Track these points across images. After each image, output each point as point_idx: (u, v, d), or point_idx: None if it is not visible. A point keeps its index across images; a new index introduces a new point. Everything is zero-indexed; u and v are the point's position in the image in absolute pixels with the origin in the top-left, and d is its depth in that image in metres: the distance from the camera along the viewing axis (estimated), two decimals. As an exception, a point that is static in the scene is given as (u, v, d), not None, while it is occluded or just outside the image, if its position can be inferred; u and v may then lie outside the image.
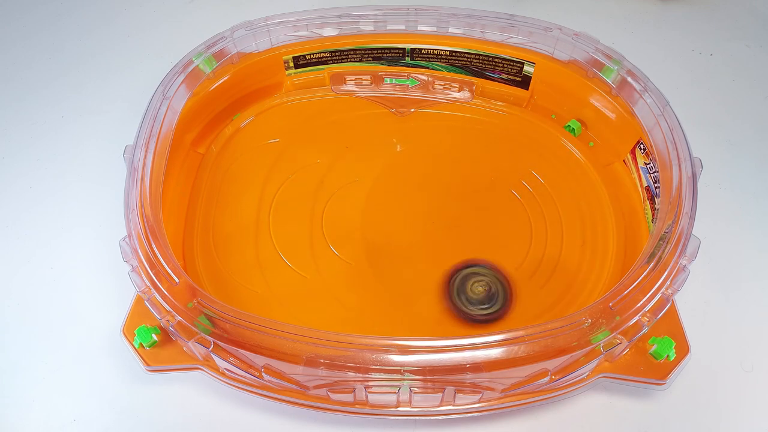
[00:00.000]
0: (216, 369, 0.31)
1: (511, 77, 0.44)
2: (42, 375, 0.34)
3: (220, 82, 0.42)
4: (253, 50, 0.43)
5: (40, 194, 0.43)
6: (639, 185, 0.39)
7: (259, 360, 0.29)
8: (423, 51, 0.44)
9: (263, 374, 0.29)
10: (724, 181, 0.42)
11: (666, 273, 0.29)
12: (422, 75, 0.45)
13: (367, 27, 0.44)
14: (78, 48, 0.53)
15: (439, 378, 0.28)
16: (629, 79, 0.38)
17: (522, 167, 0.41)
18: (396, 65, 0.45)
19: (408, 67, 0.45)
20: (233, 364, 0.29)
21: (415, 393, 0.29)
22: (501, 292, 0.35)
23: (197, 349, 0.30)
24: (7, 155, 0.45)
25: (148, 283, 0.30)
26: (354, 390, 0.29)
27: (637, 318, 0.28)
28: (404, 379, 0.28)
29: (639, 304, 0.29)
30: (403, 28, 0.44)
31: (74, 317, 0.36)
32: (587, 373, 0.31)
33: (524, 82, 0.44)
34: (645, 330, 0.28)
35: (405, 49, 0.44)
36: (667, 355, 0.31)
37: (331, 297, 0.35)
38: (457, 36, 0.43)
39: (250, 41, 0.42)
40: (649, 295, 0.29)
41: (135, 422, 0.33)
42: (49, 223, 0.41)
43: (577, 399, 0.33)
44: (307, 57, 0.45)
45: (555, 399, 0.32)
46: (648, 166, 0.38)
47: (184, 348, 0.32)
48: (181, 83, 0.38)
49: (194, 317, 0.29)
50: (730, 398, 0.33)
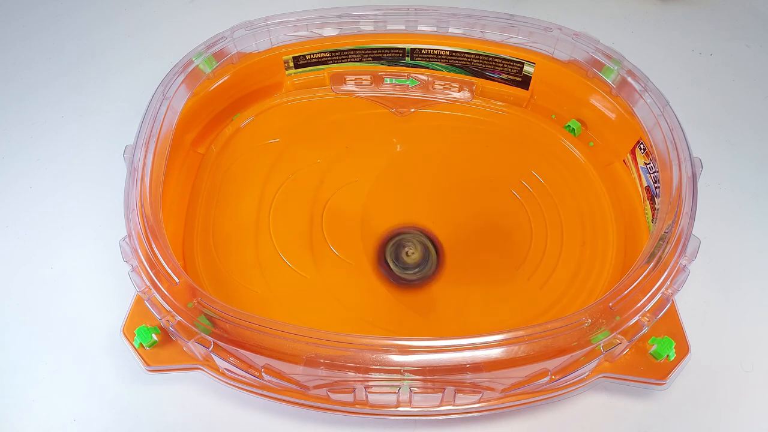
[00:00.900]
0: (216, 369, 0.31)
1: (511, 77, 0.44)
2: (42, 375, 0.34)
3: (220, 82, 0.42)
4: (253, 50, 0.43)
5: (40, 194, 0.43)
6: (639, 185, 0.39)
7: (259, 360, 0.29)
8: (423, 51, 0.44)
9: (263, 374, 0.29)
10: (724, 181, 0.42)
11: (666, 273, 0.29)
12: (422, 75, 0.45)
13: (367, 27, 0.44)
14: (78, 48, 0.53)
15: (439, 378, 0.28)
16: (629, 79, 0.38)
17: (522, 167, 0.41)
18: (396, 65, 0.45)
19: (408, 67, 0.45)
20: (233, 364, 0.29)
21: (415, 393, 0.29)
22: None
23: (197, 349, 0.30)
24: (7, 155, 0.45)
25: (148, 283, 0.30)
26: (354, 390, 0.29)
27: (637, 318, 0.28)
28: (404, 379, 0.28)
29: (639, 304, 0.29)
30: (403, 28, 0.44)
31: (74, 317, 0.36)
32: (587, 373, 0.31)
33: (524, 82, 0.44)
34: (645, 330, 0.28)
35: (405, 49, 0.44)
36: (667, 355, 0.31)
37: (331, 297, 0.36)
38: (457, 36, 0.43)
39: (250, 41, 0.42)
40: (649, 295, 0.29)
41: (135, 422, 0.33)
42: (49, 223, 0.41)
43: (577, 399, 0.33)
44: (307, 57, 0.45)
45: (555, 399, 0.32)
46: (648, 166, 0.38)
47: (184, 348, 0.32)
48: (181, 83, 0.38)
49: (194, 317, 0.29)
50: (730, 398, 0.33)
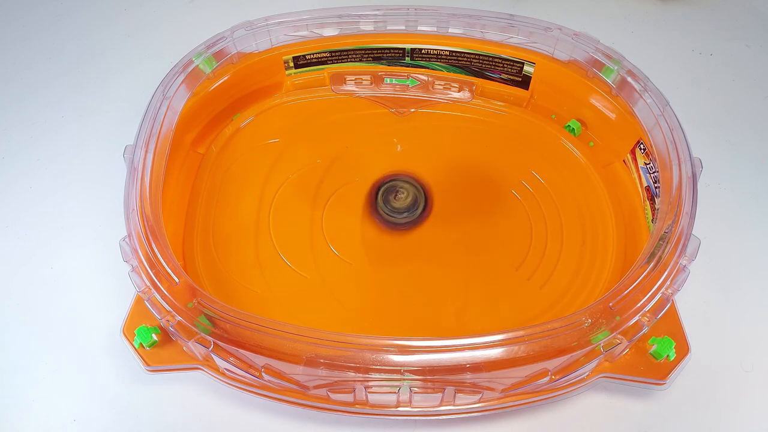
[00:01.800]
0: (216, 369, 0.31)
1: (511, 77, 0.44)
2: (42, 375, 0.34)
3: (220, 82, 0.42)
4: (253, 50, 0.43)
5: (40, 194, 0.43)
6: (639, 185, 0.39)
7: (259, 360, 0.29)
8: (423, 51, 0.44)
9: (263, 374, 0.29)
10: (724, 181, 0.42)
11: (666, 273, 0.29)
12: (422, 75, 0.45)
13: (367, 27, 0.44)
14: (78, 48, 0.53)
15: (439, 378, 0.28)
16: (629, 79, 0.38)
17: (522, 167, 0.41)
18: (396, 65, 0.45)
19: (408, 67, 0.45)
20: (233, 364, 0.29)
21: (415, 393, 0.29)
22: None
23: (197, 349, 0.30)
24: (7, 155, 0.45)
25: (148, 283, 0.30)
26: (354, 390, 0.29)
27: (637, 318, 0.28)
28: (404, 379, 0.28)
29: (639, 304, 0.29)
30: (403, 28, 0.44)
31: (74, 317, 0.36)
32: (587, 373, 0.31)
33: (524, 82, 0.44)
34: (645, 330, 0.28)
35: (405, 49, 0.44)
36: (667, 355, 0.31)
37: (331, 297, 0.36)
38: (457, 36, 0.43)
39: (250, 41, 0.42)
40: (649, 295, 0.29)
41: (135, 422, 0.33)
42: (49, 223, 0.41)
43: (577, 399, 0.33)
44: (307, 57, 0.45)
45: (555, 399, 0.32)
46: (648, 166, 0.38)
47: (184, 348, 0.32)
48: (181, 83, 0.38)
49: (194, 317, 0.29)
50: (730, 398, 0.33)
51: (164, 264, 0.30)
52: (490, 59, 0.44)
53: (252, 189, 0.40)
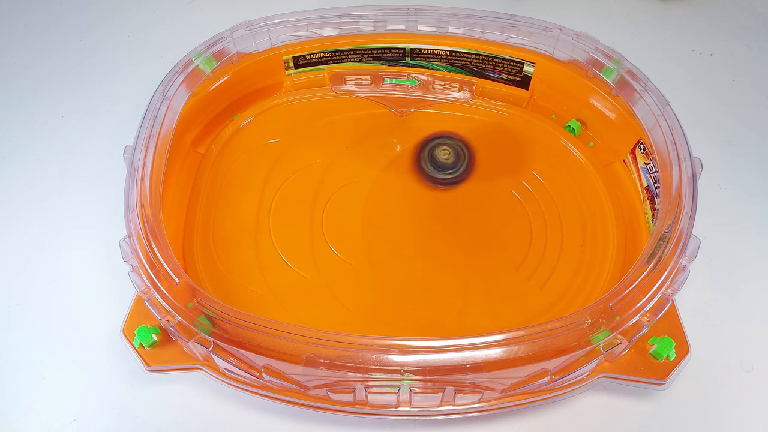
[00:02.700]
0: (216, 369, 0.31)
1: (511, 77, 0.44)
2: (42, 375, 0.34)
3: (220, 82, 0.42)
4: (253, 50, 0.43)
5: (40, 194, 0.43)
6: (639, 185, 0.39)
7: (259, 360, 0.29)
8: (423, 51, 0.44)
9: (263, 374, 0.29)
10: (724, 181, 0.42)
11: (666, 273, 0.29)
12: (422, 75, 0.45)
13: (367, 27, 0.44)
14: (78, 48, 0.53)
15: (439, 378, 0.28)
16: (629, 79, 0.38)
17: (522, 167, 0.41)
18: (396, 65, 0.45)
19: (408, 67, 0.45)
20: (233, 364, 0.29)
21: (415, 393, 0.29)
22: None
23: (197, 349, 0.30)
24: (7, 155, 0.45)
25: (148, 283, 0.30)
26: (354, 390, 0.29)
27: (637, 318, 0.28)
28: (404, 379, 0.28)
29: (639, 304, 0.29)
30: (403, 28, 0.44)
31: (74, 317, 0.36)
32: (587, 373, 0.31)
33: (524, 82, 0.44)
34: (645, 330, 0.28)
35: (405, 49, 0.44)
36: (667, 355, 0.31)
37: (331, 297, 0.36)
38: (457, 36, 0.43)
39: (250, 41, 0.42)
40: (649, 295, 0.29)
41: (135, 422, 0.33)
42: (49, 223, 0.41)
43: (577, 399, 0.33)
44: (307, 57, 0.45)
45: (555, 399, 0.32)
46: (648, 166, 0.38)
47: (184, 348, 0.32)
48: (181, 83, 0.38)
49: (194, 317, 0.29)
50: (730, 398, 0.33)
51: (164, 264, 0.30)
52: (490, 59, 0.44)
53: (252, 189, 0.40)
